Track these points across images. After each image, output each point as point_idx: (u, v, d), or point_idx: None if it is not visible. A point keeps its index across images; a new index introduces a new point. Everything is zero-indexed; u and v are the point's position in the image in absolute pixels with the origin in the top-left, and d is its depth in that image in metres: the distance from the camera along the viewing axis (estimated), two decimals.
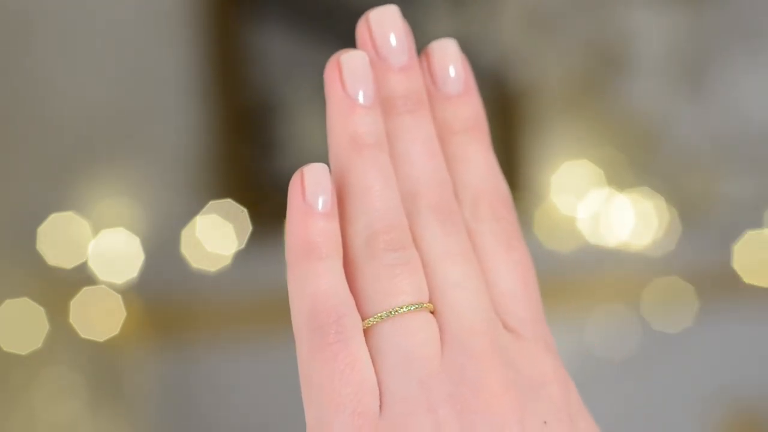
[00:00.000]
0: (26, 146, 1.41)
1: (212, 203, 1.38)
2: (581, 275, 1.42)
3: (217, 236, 1.37)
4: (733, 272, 1.39)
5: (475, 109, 0.40)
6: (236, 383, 1.45)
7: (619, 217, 1.40)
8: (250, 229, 1.38)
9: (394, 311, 0.36)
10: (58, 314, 1.35)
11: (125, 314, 1.38)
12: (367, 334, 0.36)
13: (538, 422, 0.35)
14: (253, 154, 1.44)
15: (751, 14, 1.41)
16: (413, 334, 0.36)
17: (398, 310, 0.36)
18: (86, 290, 1.36)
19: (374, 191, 0.37)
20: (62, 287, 1.35)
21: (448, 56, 0.40)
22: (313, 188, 0.37)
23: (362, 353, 0.36)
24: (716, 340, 1.43)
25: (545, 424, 0.35)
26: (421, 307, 0.36)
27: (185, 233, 1.37)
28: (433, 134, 0.39)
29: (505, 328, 0.37)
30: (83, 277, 1.35)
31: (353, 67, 0.38)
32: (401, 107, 0.39)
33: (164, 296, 1.42)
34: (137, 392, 1.44)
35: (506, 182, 0.40)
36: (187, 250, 1.37)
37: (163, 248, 1.36)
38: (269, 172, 1.43)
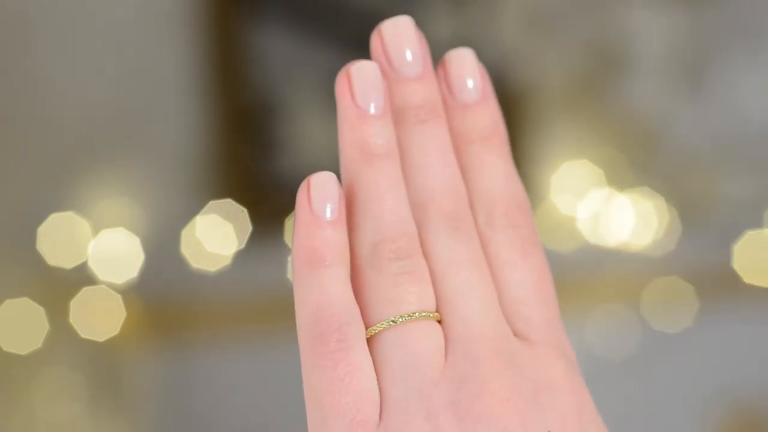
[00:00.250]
0: (26, 146, 1.41)
1: (212, 203, 1.38)
2: (581, 275, 1.42)
3: (217, 236, 1.37)
4: (733, 272, 1.39)
5: (492, 117, 0.40)
6: (236, 383, 1.45)
7: (619, 217, 1.40)
8: (250, 229, 1.38)
9: (397, 319, 0.36)
10: (58, 314, 1.35)
11: (125, 314, 1.37)
12: (371, 342, 0.36)
13: (541, 430, 0.35)
14: (253, 154, 1.44)
15: (751, 14, 1.41)
16: (415, 342, 0.36)
17: (402, 318, 0.36)
18: (86, 290, 1.36)
19: (382, 200, 0.37)
20: (62, 287, 1.35)
21: (464, 65, 0.40)
22: (319, 196, 0.37)
23: (364, 362, 0.36)
24: (716, 340, 1.43)
25: None
26: (426, 315, 0.36)
27: (185, 233, 1.37)
28: (447, 144, 0.39)
29: (516, 335, 0.37)
30: (83, 277, 1.35)
31: (363, 77, 0.38)
32: (415, 117, 0.39)
33: (164, 296, 1.42)
34: (137, 392, 1.44)
35: (524, 189, 0.40)
36: (187, 250, 1.37)
37: (163, 248, 1.36)
38: (269, 172, 1.43)
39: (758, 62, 1.41)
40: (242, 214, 1.38)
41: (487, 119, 0.40)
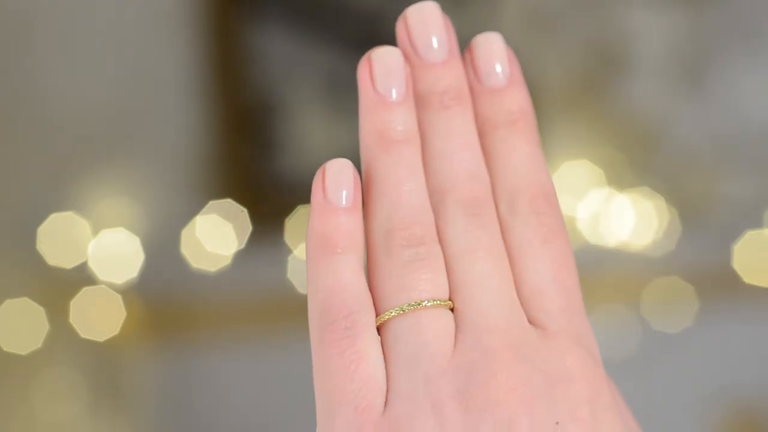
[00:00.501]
0: (26, 146, 1.41)
1: (212, 203, 1.37)
2: (581, 275, 1.41)
3: (217, 236, 1.37)
4: (733, 272, 1.39)
5: (520, 102, 0.39)
6: (236, 383, 1.45)
7: (619, 217, 1.40)
8: (250, 229, 1.38)
9: (407, 307, 0.36)
10: (58, 314, 1.35)
11: (125, 314, 1.37)
12: (381, 329, 0.36)
13: (549, 421, 0.34)
14: (253, 154, 1.44)
15: (751, 14, 1.41)
16: (425, 330, 0.35)
17: (412, 306, 0.36)
18: (86, 290, 1.35)
19: (398, 187, 0.37)
20: (62, 287, 1.35)
21: (492, 50, 0.40)
22: (334, 183, 0.36)
23: (372, 349, 0.35)
24: (716, 340, 1.43)
25: (557, 424, 0.34)
26: (437, 303, 0.36)
27: (185, 233, 1.37)
28: (471, 130, 0.38)
29: (532, 324, 0.36)
30: (83, 277, 1.35)
31: (384, 63, 0.38)
32: (439, 103, 0.38)
33: (164, 296, 1.42)
34: (137, 392, 1.44)
35: (550, 176, 0.38)
36: (187, 250, 1.37)
37: (163, 248, 1.36)
38: (269, 172, 1.43)
39: (758, 62, 1.42)
40: (242, 214, 1.38)
41: (514, 104, 0.39)
